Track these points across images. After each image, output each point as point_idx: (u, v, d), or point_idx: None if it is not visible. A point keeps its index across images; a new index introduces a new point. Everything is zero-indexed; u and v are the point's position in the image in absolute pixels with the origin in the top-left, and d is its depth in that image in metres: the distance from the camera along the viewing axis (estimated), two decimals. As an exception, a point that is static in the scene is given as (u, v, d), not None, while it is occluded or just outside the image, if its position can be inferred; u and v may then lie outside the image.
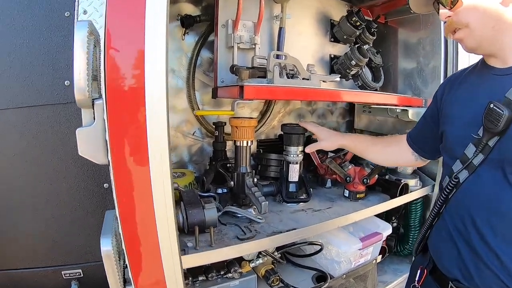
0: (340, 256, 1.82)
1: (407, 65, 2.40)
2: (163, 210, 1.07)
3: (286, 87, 1.45)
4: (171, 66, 1.97)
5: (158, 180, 1.03)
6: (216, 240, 1.35)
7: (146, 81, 0.97)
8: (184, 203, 1.42)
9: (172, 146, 1.99)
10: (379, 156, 1.63)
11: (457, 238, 1.12)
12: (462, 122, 1.12)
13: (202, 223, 1.37)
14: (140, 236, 1.07)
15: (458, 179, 1.10)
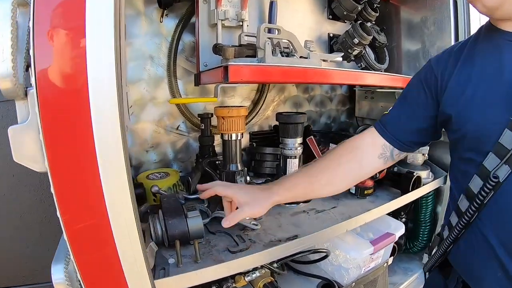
0: (349, 262, 1.60)
1: (411, 46, 2.23)
2: (123, 227, 0.82)
3: (281, 66, 1.20)
4: (150, 53, 1.75)
5: (112, 187, 0.78)
6: (203, 254, 1.14)
7: (89, 60, 0.72)
8: (163, 212, 1.20)
9: (153, 143, 1.83)
10: (335, 186, 1.20)
11: (500, 252, 0.88)
12: (487, 104, 0.88)
13: (185, 235, 1.15)
14: (95, 260, 0.82)
15: (497, 178, 0.83)
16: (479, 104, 0.89)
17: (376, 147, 1.18)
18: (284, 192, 1.16)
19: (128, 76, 1.70)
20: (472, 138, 0.92)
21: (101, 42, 0.73)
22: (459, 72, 0.97)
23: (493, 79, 0.87)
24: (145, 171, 1.76)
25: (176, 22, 1.77)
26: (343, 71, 1.45)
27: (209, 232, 1.31)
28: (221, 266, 1.09)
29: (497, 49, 0.89)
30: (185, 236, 1.15)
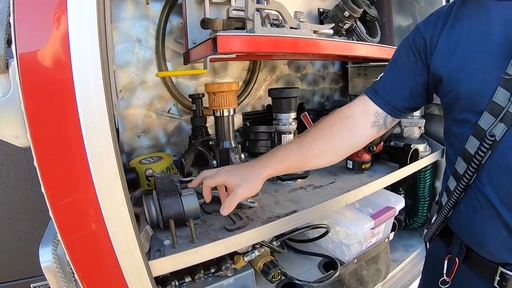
0: (350, 238, 1.57)
1: (403, 21, 2.20)
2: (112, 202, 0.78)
3: (271, 36, 1.16)
4: (137, 36, 1.71)
5: (99, 159, 0.74)
6: (200, 234, 1.10)
7: (71, 30, 0.67)
8: (157, 192, 1.15)
9: (145, 128, 1.79)
10: (328, 157, 1.15)
11: (504, 211, 0.87)
12: (478, 63, 0.86)
13: (181, 215, 1.11)
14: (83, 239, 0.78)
15: (494, 137, 0.82)
16: (469, 65, 0.88)
17: (369, 115, 1.14)
18: (276, 164, 1.09)
19: (116, 61, 1.66)
20: (465, 98, 0.91)
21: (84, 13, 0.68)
22: (448, 33, 0.95)
23: (482, 38, 0.86)
24: (138, 156, 1.72)
25: (163, 3, 1.72)
26: (335, 41, 1.41)
27: (205, 212, 1.27)
28: (218, 243, 1.05)
29: (484, 8, 0.88)
30: (180, 215, 1.11)
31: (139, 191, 1.39)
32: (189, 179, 1.51)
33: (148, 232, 1.07)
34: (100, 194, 0.75)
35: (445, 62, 0.95)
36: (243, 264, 1.40)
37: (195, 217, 1.15)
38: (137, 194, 1.36)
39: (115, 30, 1.63)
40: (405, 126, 1.97)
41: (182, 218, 1.11)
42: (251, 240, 1.15)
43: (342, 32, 1.77)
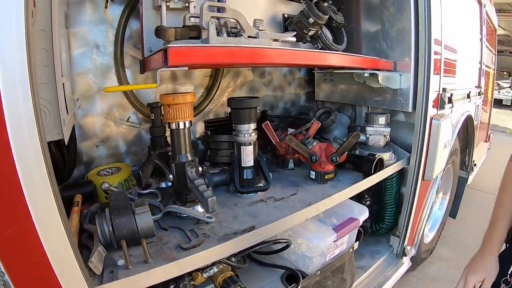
0: (312, 250, 1.55)
1: (371, 27, 2.19)
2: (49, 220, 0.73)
3: (226, 47, 1.11)
4: (95, 41, 1.62)
5: (32, 182, 0.69)
6: (154, 253, 1.06)
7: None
8: (109, 210, 1.10)
9: (103, 137, 1.71)
10: None
11: None
12: None
13: (134, 234, 1.06)
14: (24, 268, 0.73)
15: None
16: None
17: None
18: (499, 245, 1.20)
19: (74, 67, 1.58)
20: None
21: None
22: None
23: None
24: (97, 167, 1.64)
25: (122, 7, 1.64)
26: (295, 50, 1.37)
27: (161, 229, 1.22)
28: (171, 265, 1.01)
29: None
30: (134, 235, 1.06)
31: (95, 206, 1.31)
32: (148, 191, 1.46)
33: (101, 253, 1.01)
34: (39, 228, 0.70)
35: None
36: (202, 281, 1.34)
37: (149, 235, 1.10)
38: (93, 209, 1.28)
39: (72, 35, 1.55)
40: (370, 134, 1.96)
41: (136, 237, 1.06)
42: (206, 260, 1.12)
43: (306, 38, 1.73)
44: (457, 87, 2.51)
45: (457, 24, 2.50)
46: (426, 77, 1.92)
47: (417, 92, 1.96)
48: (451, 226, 3.48)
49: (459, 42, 2.50)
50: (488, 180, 4.65)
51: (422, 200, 2.30)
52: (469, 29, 3.02)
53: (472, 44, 3.18)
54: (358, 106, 2.44)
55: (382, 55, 2.08)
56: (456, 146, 2.88)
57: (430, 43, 1.89)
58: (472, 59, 3.16)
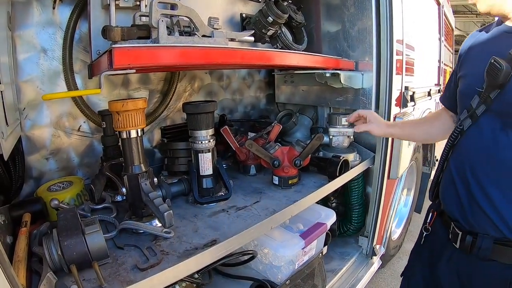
0: (280, 260, 1.48)
1: (331, 28, 2.17)
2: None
3: (177, 47, 1.02)
4: (42, 45, 1.51)
5: None
6: (109, 276, 0.97)
7: None
8: (57, 231, 1.00)
9: (53, 149, 1.60)
10: (429, 135, 1.58)
11: (458, 182, 1.19)
12: (472, 76, 1.18)
13: (85, 256, 0.97)
14: None
15: (462, 127, 1.17)
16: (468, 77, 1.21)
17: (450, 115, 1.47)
18: (397, 128, 1.64)
19: (19, 74, 1.47)
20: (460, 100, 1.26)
21: None
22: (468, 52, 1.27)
23: (480, 59, 1.12)
24: (47, 182, 1.52)
25: (72, 8, 1.54)
26: (255, 50, 1.31)
27: (117, 247, 1.13)
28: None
29: (493, 37, 1.17)
30: (85, 257, 0.97)
31: (45, 225, 1.19)
32: (102, 206, 1.37)
33: (51, 280, 0.92)
34: None
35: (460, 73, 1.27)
36: (164, 300, 1.26)
37: (102, 256, 1.01)
38: (43, 230, 1.17)
39: (17, 38, 1.43)
40: (334, 135, 1.91)
41: (88, 259, 0.97)
42: (166, 281, 1.02)
43: (265, 38, 1.67)
44: (418, 85, 2.54)
45: (417, 24, 2.53)
46: (389, 76, 1.92)
47: (380, 91, 1.95)
48: (417, 220, 3.53)
49: (419, 41, 2.53)
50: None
51: (389, 199, 2.31)
52: (429, 29, 3.08)
53: (432, 43, 3.25)
54: (320, 107, 2.42)
55: (343, 55, 2.06)
56: (419, 143, 2.91)
57: (392, 42, 1.89)
58: (431, 57, 3.22)
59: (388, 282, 2.70)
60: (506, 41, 1.09)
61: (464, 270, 1.20)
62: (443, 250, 1.28)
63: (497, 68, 1.02)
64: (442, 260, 1.28)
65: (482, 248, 1.12)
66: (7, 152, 1.03)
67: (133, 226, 1.20)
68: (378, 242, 2.31)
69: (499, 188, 1.08)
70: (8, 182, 1.32)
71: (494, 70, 1.03)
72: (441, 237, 1.30)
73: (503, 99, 1.05)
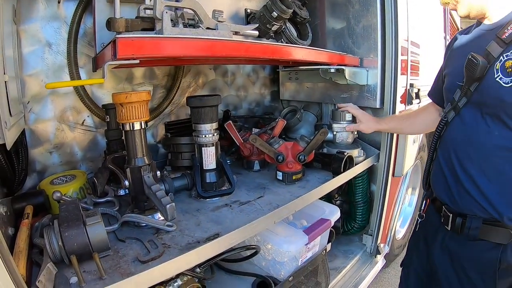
0: (283, 255, 1.47)
1: (336, 24, 2.16)
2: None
3: (181, 38, 1.02)
4: (47, 39, 1.52)
5: None
6: (110, 268, 0.96)
7: None
8: (58, 222, 0.99)
9: (57, 143, 1.60)
10: (414, 128, 1.74)
11: (445, 169, 1.31)
12: (454, 72, 1.29)
13: (86, 248, 0.97)
14: None
15: (446, 119, 1.29)
16: (451, 72, 1.33)
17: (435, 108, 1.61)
18: (384, 124, 1.78)
19: (24, 67, 1.47)
20: (445, 94, 1.38)
21: None
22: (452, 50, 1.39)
23: (461, 55, 1.22)
24: (51, 175, 1.52)
25: (76, 2, 1.53)
26: (259, 43, 1.30)
27: (118, 240, 1.12)
28: (126, 282, 0.90)
29: (472, 35, 1.27)
30: (86, 249, 0.96)
31: (47, 218, 1.20)
32: (104, 199, 1.37)
33: (51, 271, 0.92)
34: None
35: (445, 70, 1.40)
36: (166, 294, 1.25)
37: (103, 248, 1.01)
38: (45, 222, 1.17)
39: (22, 33, 1.44)
40: (337, 131, 1.90)
41: (89, 251, 0.97)
42: (166, 274, 1.02)
43: (270, 34, 1.66)
44: (424, 82, 2.51)
45: (423, 21, 2.51)
46: (394, 73, 1.91)
47: (385, 88, 1.94)
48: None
49: (425, 39, 2.51)
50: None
51: (393, 197, 2.30)
52: (434, 27, 3.05)
53: (437, 42, 3.20)
54: (324, 104, 2.41)
55: (348, 51, 2.05)
56: (424, 142, 2.90)
57: (397, 39, 1.88)
58: (437, 56, 3.17)
59: (392, 282, 2.68)
60: (483, 39, 1.19)
61: (455, 251, 1.29)
62: (436, 234, 1.38)
63: (474, 63, 1.12)
64: (436, 244, 1.37)
65: (472, 228, 1.21)
66: (10, 142, 1.03)
67: (135, 219, 1.19)
68: (383, 241, 2.30)
69: (481, 171, 1.19)
70: (12, 174, 1.32)
71: (471, 65, 1.13)
72: (434, 222, 1.41)
73: (480, 90, 1.16)
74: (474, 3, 1.20)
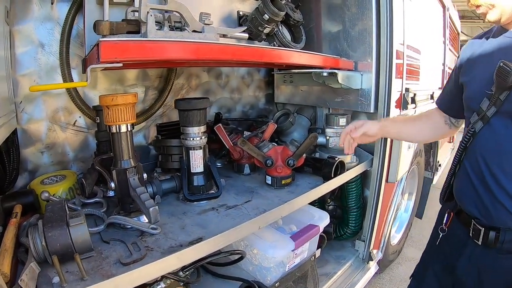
0: (269, 261, 1.47)
1: (332, 27, 2.15)
2: None
3: (164, 41, 1.02)
4: (40, 40, 1.53)
5: None
6: (92, 269, 0.97)
7: None
8: (43, 223, 1.00)
9: (49, 143, 1.60)
10: (415, 135, 1.65)
11: (475, 181, 1.23)
12: (479, 80, 1.22)
13: (69, 248, 0.97)
14: None
15: (474, 129, 1.22)
16: (475, 81, 1.25)
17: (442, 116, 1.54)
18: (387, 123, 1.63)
19: (17, 68, 1.49)
20: (467, 103, 1.30)
21: None
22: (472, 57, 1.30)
23: (486, 62, 1.19)
24: (42, 175, 1.54)
25: (69, 4, 1.55)
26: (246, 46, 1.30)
27: (103, 241, 1.13)
28: (106, 283, 0.92)
29: (498, 41, 1.21)
30: (69, 249, 0.97)
31: (35, 217, 1.21)
32: (93, 200, 1.37)
33: (34, 270, 0.92)
34: None
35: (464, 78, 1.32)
36: (149, 297, 1.25)
37: (86, 249, 1.01)
38: (32, 221, 1.18)
39: (16, 33, 1.45)
40: (331, 136, 1.89)
41: (71, 251, 0.97)
42: (147, 276, 1.02)
43: (262, 36, 1.66)
44: (420, 87, 2.50)
45: (421, 26, 2.51)
46: (388, 77, 1.89)
47: (379, 92, 1.93)
48: (418, 226, 3.53)
49: (422, 43, 2.51)
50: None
51: (387, 203, 2.28)
52: (432, 31, 3.05)
53: (436, 46, 3.21)
54: (319, 108, 2.40)
55: (343, 55, 2.04)
56: (421, 147, 2.90)
57: (392, 43, 1.87)
58: (435, 61, 3.19)
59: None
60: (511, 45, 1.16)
61: (485, 265, 1.24)
62: (463, 249, 1.32)
63: (506, 71, 1.08)
64: (463, 258, 1.32)
65: (506, 241, 1.16)
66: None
67: (120, 221, 1.19)
68: (375, 247, 2.29)
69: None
70: (2, 174, 1.33)
71: (503, 73, 1.09)
72: (460, 236, 1.34)
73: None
74: (506, 11, 1.15)
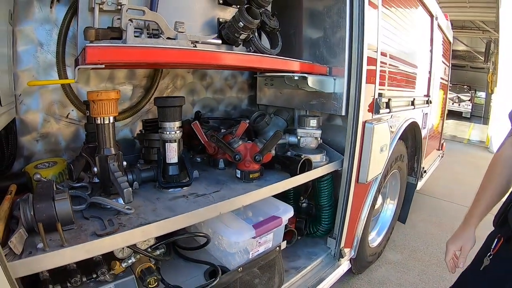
0: (233, 247, 1.61)
1: (312, 34, 2.26)
2: None
3: (140, 47, 1.19)
4: (39, 40, 1.68)
5: None
6: (72, 239, 1.13)
7: None
8: (33, 196, 1.17)
9: (43, 132, 1.77)
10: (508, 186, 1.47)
11: None
12: None
13: (53, 219, 1.13)
14: None
15: None
16: None
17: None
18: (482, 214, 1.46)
19: (18, 64, 1.64)
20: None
21: None
22: None
23: None
24: (36, 161, 1.71)
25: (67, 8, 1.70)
26: (212, 52, 1.47)
27: (84, 218, 1.29)
28: (79, 247, 1.09)
29: None
30: (52, 220, 1.12)
31: (27, 195, 1.37)
32: (80, 184, 1.51)
33: (22, 235, 1.08)
34: None
35: None
36: (122, 270, 1.40)
37: (68, 221, 1.17)
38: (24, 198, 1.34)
39: (18, 33, 1.60)
40: (301, 136, 2.02)
41: (55, 221, 1.12)
42: (113, 245, 1.20)
43: (238, 42, 1.80)
44: (399, 94, 2.60)
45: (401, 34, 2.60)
46: (358, 82, 1.99)
47: (350, 96, 2.03)
48: (401, 231, 3.59)
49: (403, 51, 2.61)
50: (439, 186, 4.80)
51: (360, 203, 2.37)
52: (417, 40, 3.12)
53: (421, 55, 3.28)
54: (297, 110, 2.51)
55: (322, 61, 2.15)
56: (402, 152, 2.94)
57: (362, 49, 1.97)
58: (420, 68, 3.25)
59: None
60: None
61: None
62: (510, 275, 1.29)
63: None
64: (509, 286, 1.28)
65: None
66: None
67: (100, 201, 1.35)
68: (348, 246, 2.37)
69: None
70: (1, 158, 1.49)
71: None
72: (509, 263, 1.31)
73: None
74: None
